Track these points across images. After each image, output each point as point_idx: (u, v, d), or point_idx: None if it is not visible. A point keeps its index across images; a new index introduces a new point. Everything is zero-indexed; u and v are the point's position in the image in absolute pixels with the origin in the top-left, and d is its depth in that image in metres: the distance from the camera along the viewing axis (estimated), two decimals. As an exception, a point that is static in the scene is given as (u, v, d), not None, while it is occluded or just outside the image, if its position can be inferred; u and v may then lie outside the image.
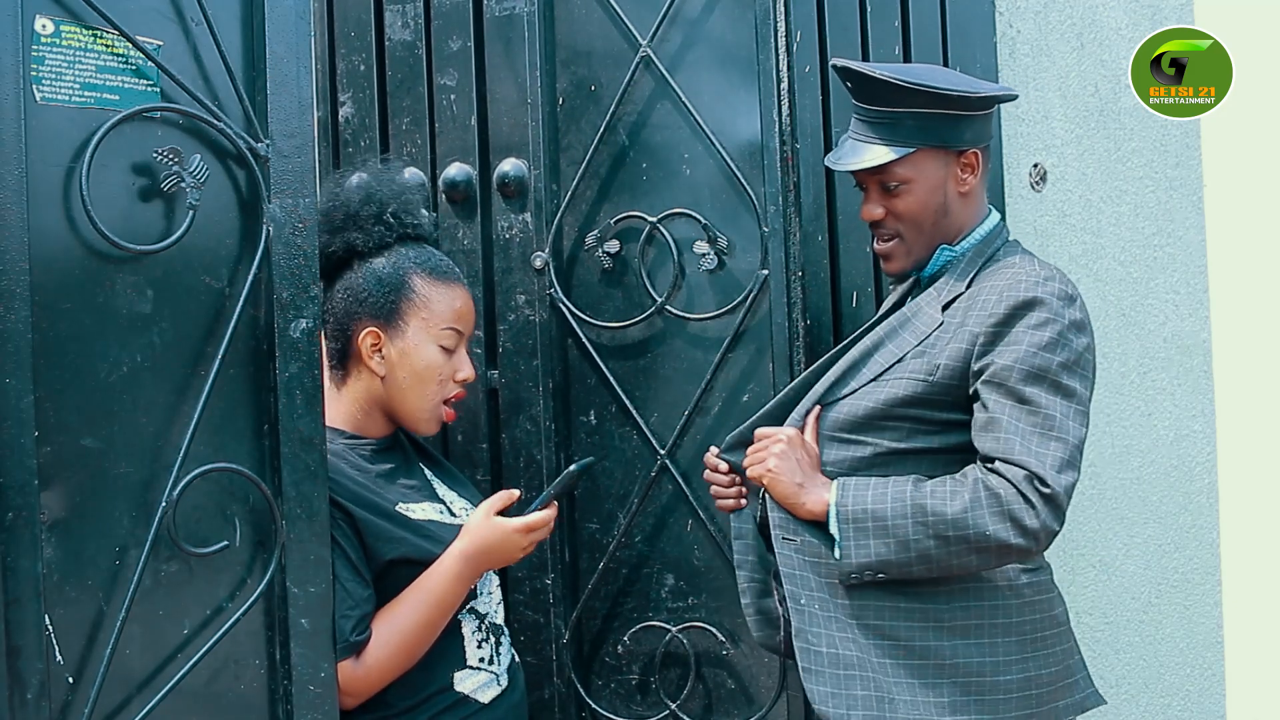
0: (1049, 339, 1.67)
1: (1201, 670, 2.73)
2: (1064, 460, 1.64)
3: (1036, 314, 1.68)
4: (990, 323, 1.70)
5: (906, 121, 1.78)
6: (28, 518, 1.31)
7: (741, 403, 2.22)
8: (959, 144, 1.80)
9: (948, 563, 1.67)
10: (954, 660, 1.71)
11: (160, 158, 1.45)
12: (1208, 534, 2.73)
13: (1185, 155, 2.70)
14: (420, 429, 1.90)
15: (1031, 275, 1.72)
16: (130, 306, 1.43)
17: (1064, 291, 1.71)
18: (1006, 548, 1.64)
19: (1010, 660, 1.72)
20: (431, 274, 1.88)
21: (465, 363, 1.91)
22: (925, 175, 1.80)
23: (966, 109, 1.80)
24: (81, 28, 1.40)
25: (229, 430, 1.51)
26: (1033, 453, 1.64)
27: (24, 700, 1.31)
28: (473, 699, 1.83)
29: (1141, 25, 2.60)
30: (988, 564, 1.69)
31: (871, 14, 2.28)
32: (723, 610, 2.24)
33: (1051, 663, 1.76)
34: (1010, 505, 1.63)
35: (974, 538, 1.64)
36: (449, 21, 2.36)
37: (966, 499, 1.65)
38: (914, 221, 1.82)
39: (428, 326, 1.85)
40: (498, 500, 1.82)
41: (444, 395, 1.88)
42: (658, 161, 2.27)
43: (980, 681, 1.71)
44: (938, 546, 1.66)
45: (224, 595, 1.51)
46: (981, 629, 1.73)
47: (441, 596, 1.76)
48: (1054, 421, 1.65)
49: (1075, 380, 1.68)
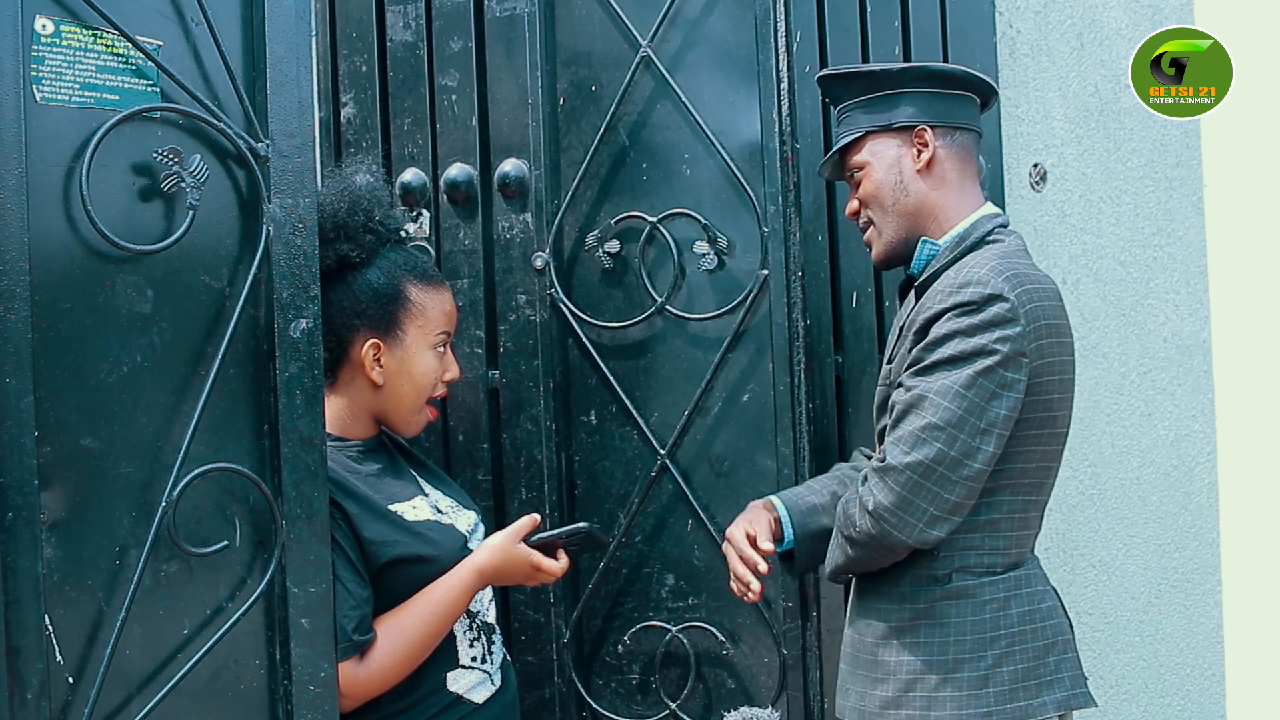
0: (943, 334, 1.71)
1: (1201, 670, 2.73)
2: (913, 435, 1.69)
3: (944, 318, 1.71)
4: (913, 331, 1.76)
5: (856, 111, 1.90)
6: (28, 518, 1.31)
7: (741, 402, 2.22)
8: (897, 119, 1.86)
9: (853, 560, 1.80)
10: (898, 658, 1.77)
11: (160, 158, 1.45)
12: (1208, 534, 2.73)
13: (1185, 155, 2.70)
14: (408, 431, 1.92)
15: (952, 283, 1.73)
16: (130, 306, 1.43)
17: (980, 294, 1.70)
18: (866, 538, 1.74)
19: (961, 659, 1.74)
20: (423, 280, 1.89)
21: (452, 362, 1.93)
22: (878, 157, 1.88)
23: (896, 86, 1.86)
24: (81, 28, 1.40)
25: (229, 430, 1.51)
26: (893, 430, 1.72)
27: (24, 700, 1.31)
28: (466, 699, 1.83)
29: (1141, 25, 2.60)
30: (870, 552, 1.76)
31: (871, 14, 2.28)
32: (723, 610, 2.24)
33: (1017, 660, 1.76)
34: (856, 496, 1.75)
35: (844, 541, 1.79)
36: (450, 22, 2.36)
37: (840, 509, 1.81)
38: (877, 202, 1.88)
39: (424, 334, 1.87)
40: (524, 525, 1.85)
41: (431, 396, 1.90)
42: (658, 162, 2.27)
43: (924, 679, 1.74)
44: (836, 547, 1.83)
45: (224, 595, 1.51)
46: (932, 629, 1.76)
47: (451, 607, 1.78)
48: (923, 401, 1.69)
49: (964, 367, 1.68)
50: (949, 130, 1.86)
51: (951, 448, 1.67)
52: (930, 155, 1.84)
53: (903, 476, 1.68)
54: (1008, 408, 1.70)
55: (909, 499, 1.68)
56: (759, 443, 2.21)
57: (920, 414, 1.68)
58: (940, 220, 1.85)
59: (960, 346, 1.69)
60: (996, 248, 1.80)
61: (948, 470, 1.68)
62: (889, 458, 1.70)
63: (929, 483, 1.68)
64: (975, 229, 1.83)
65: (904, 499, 1.68)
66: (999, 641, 1.75)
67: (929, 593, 1.76)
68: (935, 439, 1.67)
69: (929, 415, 1.68)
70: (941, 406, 1.67)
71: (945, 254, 1.82)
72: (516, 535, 1.83)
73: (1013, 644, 1.75)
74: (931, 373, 1.70)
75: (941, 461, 1.67)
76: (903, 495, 1.68)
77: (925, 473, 1.67)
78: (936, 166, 1.85)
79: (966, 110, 1.89)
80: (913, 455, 1.68)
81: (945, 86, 1.87)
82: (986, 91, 1.92)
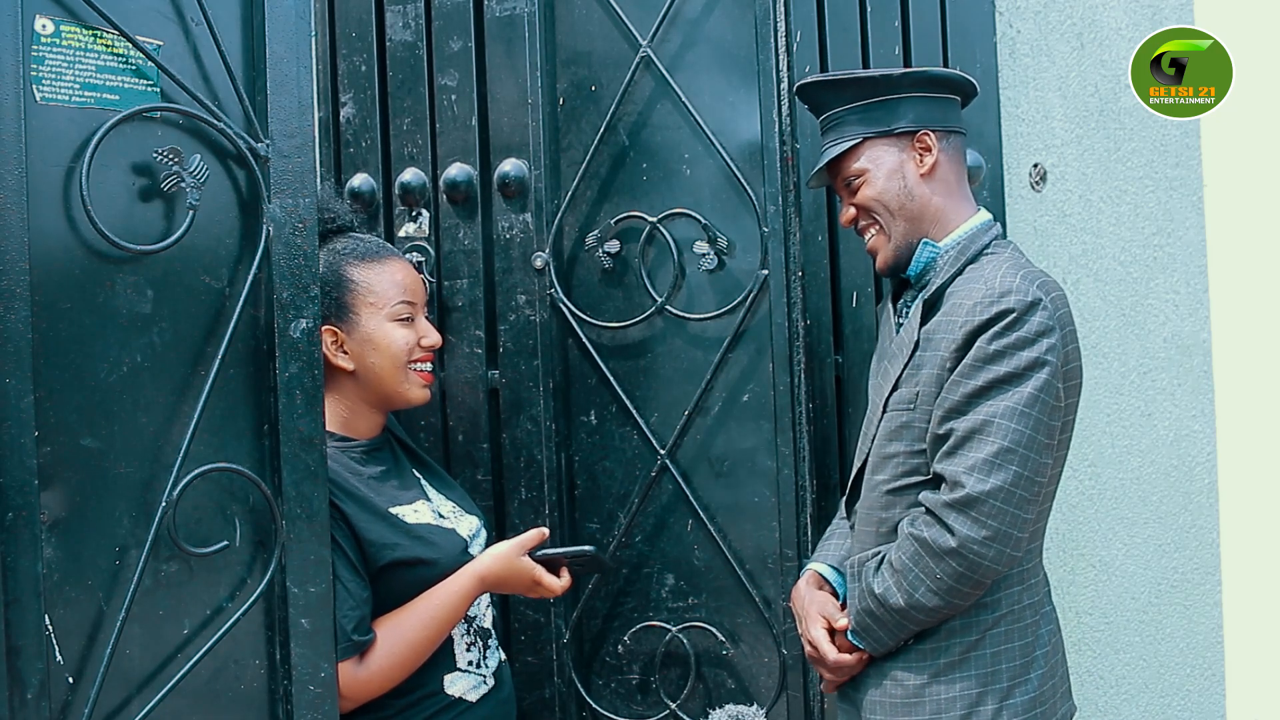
0: (995, 351, 1.67)
1: (1201, 670, 2.73)
2: (987, 462, 1.64)
3: (990, 331, 1.68)
4: (953, 348, 1.71)
5: (848, 117, 1.85)
6: (28, 518, 1.31)
7: (741, 402, 2.22)
8: (900, 125, 1.83)
9: (940, 613, 1.71)
10: (948, 694, 1.73)
11: (160, 158, 1.45)
12: (1208, 534, 2.72)
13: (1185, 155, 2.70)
14: (410, 400, 1.90)
15: (991, 291, 1.69)
16: (130, 306, 1.43)
17: (1022, 302, 1.68)
18: (956, 579, 1.67)
19: (1014, 683, 1.73)
20: (362, 259, 1.89)
21: (428, 328, 1.93)
22: (879, 163, 1.84)
23: (896, 90, 1.83)
24: (81, 28, 1.40)
25: (229, 430, 1.51)
26: (959, 459, 1.66)
27: (24, 700, 1.31)
28: (463, 700, 1.84)
29: (1141, 25, 2.59)
30: (963, 594, 1.69)
31: (871, 14, 2.28)
32: (723, 610, 2.24)
33: (1051, 675, 1.77)
34: (932, 543, 1.66)
35: (923, 600, 1.69)
36: (450, 22, 2.36)
37: (897, 578, 1.70)
38: (882, 208, 1.84)
39: (377, 310, 1.87)
40: (531, 538, 1.85)
41: (411, 360, 1.89)
42: (658, 162, 2.27)
43: (980, 710, 1.72)
44: (915, 616, 1.72)
45: (224, 595, 1.51)
46: (982, 657, 1.73)
47: (451, 612, 1.79)
48: (990, 425, 1.65)
49: (1024, 384, 1.66)
50: (945, 134, 1.85)
51: (1025, 468, 1.65)
52: (934, 160, 1.83)
53: (988, 506, 1.64)
54: (1059, 418, 1.69)
55: (998, 527, 1.64)
56: (759, 443, 2.21)
57: (989, 439, 1.64)
58: (942, 223, 1.84)
59: (1014, 363, 1.66)
60: (1003, 255, 1.79)
61: (1024, 491, 1.65)
62: (969, 488, 1.63)
63: (1011, 507, 1.64)
64: (975, 239, 1.82)
65: (994, 529, 1.64)
66: (1039, 660, 1.75)
67: (981, 621, 1.73)
68: (1009, 462, 1.64)
69: (999, 439, 1.64)
70: (1010, 429, 1.64)
71: (948, 260, 1.80)
72: (522, 548, 1.84)
73: (1048, 659, 1.77)
74: (989, 394, 1.66)
75: (1019, 484, 1.64)
76: (992, 525, 1.64)
77: (1007, 498, 1.64)
78: (938, 170, 1.84)
79: (957, 112, 1.89)
80: (992, 482, 1.63)
81: (941, 91, 1.86)
82: (972, 92, 1.92)
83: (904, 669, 1.76)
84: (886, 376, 1.81)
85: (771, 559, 2.20)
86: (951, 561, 1.65)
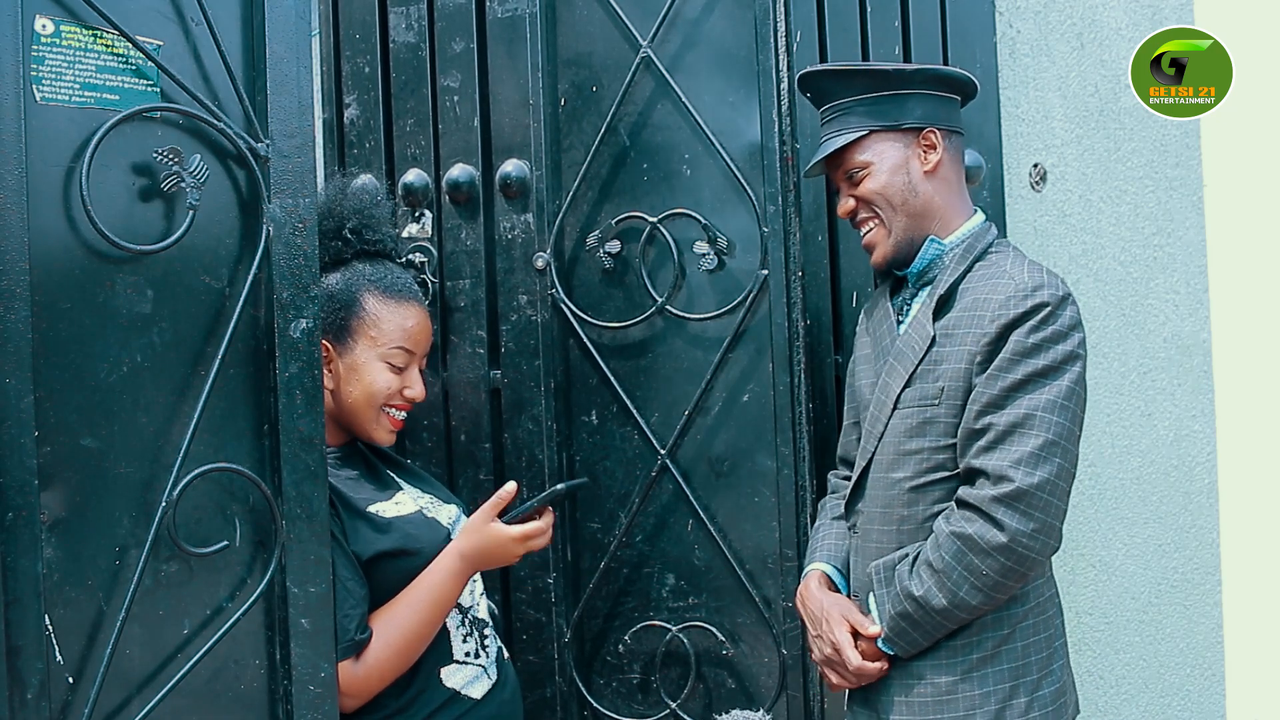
0: (1033, 344, 1.68)
1: (1201, 670, 2.73)
2: (1033, 455, 1.65)
3: (1026, 325, 1.69)
4: (984, 342, 1.71)
5: (855, 109, 1.85)
6: (28, 518, 1.31)
7: (741, 402, 2.22)
8: (908, 120, 1.83)
9: (980, 610, 1.71)
10: (981, 690, 1.73)
11: (160, 158, 1.45)
12: (1208, 534, 2.72)
13: (1185, 155, 2.70)
14: (374, 439, 1.89)
15: (1022, 286, 1.72)
16: (130, 306, 1.43)
17: (1055, 296, 1.71)
18: (1003, 574, 1.67)
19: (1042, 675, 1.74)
20: (385, 292, 1.87)
21: (416, 381, 1.89)
22: (884, 157, 1.84)
23: (907, 86, 1.83)
24: (81, 28, 1.40)
25: (229, 430, 1.52)
26: (1002, 453, 1.66)
27: (24, 700, 1.31)
28: (464, 695, 1.83)
29: (1141, 25, 2.60)
30: (1006, 588, 1.69)
31: (871, 14, 2.28)
32: (723, 610, 2.25)
33: (1067, 666, 1.80)
34: (978, 538, 1.66)
35: (967, 599, 1.69)
36: (452, 24, 2.36)
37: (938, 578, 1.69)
38: (885, 201, 1.84)
39: (375, 345, 1.85)
40: (498, 501, 1.82)
41: (387, 404, 1.86)
42: (658, 162, 2.27)
43: (1012, 704, 1.72)
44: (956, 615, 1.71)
45: (224, 595, 1.51)
46: (1012, 651, 1.74)
47: (440, 594, 1.77)
48: (1033, 419, 1.66)
49: (1061, 378, 1.68)
50: (948, 133, 1.86)
51: (1066, 460, 1.67)
52: (939, 158, 1.84)
53: (1036, 498, 1.65)
54: (1085, 409, 1.72)
55: (1045, 520, 1.66)
56: (759, 443, 2.21)
57: (1033, 433, 1.66)
58: (945, 221, 1.84)
59: (1052, 356, 1.68)
60: (1012, 253, 1.81)
61: (1065, 483, 1.68)
62: (1018, 481, 1.64)
63: (1055, 499, 1.66)
64: (979, 237, 1.84)
65: (1042, 521, 1.66)
66: (1059, 650, 1.78)
67: (1012, 615, 1.74)
68: (1054, 455, 1.66)
69: (1043, 432, 1.66)
70: (1052, 422, 1.66)
71: (954, 257, 1.82)
72: (490, 512, 1.81)
73: (1064, 649, 1.80)
74: (1028, 388, 1.68)
75: (1062, 476, 1.67)
76: (1039, 518, 1.65)
77: (1053, 490, 1.66)
78: (941, 169, 1.84)
79: (959, 112, 1.91)
80: (1039, 475, 1.65)
81: (947, 90, 1.88)
82: (973, 94, 1.94)
83: (934, 667, 1.75)
84: (893, 374, 1.81)
85: (771, 559, 2.20)
86: (1000, 557, 1.66)
